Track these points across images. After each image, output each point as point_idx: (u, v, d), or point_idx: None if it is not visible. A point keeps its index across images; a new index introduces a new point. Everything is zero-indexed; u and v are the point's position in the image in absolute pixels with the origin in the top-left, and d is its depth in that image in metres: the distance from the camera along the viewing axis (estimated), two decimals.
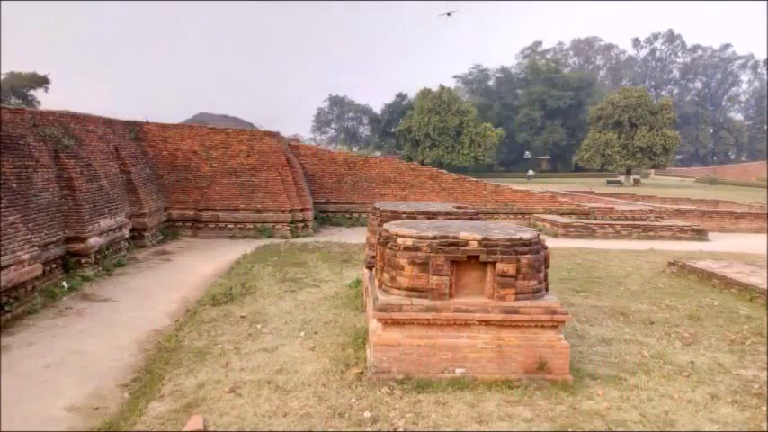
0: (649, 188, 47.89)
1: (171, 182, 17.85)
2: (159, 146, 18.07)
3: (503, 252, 6.27)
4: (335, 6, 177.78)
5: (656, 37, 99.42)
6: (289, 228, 17.78)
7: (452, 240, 6.31)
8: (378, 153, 64.32)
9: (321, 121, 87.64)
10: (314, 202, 19.73)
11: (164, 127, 18.43)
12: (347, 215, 21.40)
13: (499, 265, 6.26)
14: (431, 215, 8.72)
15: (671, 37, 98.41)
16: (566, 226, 19.94)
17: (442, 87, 60.17)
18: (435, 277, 6.27)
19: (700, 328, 8.69)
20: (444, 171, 22.98)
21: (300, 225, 18.26)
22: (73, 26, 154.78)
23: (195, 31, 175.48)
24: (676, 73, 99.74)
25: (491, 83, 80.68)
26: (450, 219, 8.48)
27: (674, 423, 5.46)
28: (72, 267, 11.06)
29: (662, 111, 55.65)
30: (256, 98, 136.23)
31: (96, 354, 7.33)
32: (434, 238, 6.33)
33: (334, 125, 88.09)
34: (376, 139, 75.84)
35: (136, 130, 17.84)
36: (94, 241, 11.48)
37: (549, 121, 70.78)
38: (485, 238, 6.31)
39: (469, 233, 6.42)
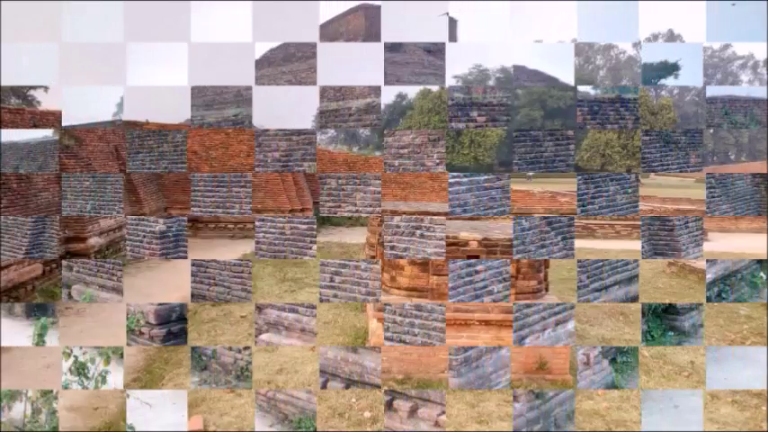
0: (649, 188, 47.84)
1: (171, 182, 17.83)
2: None
3: (503, 252, 6.26)
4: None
5: (655, 37, 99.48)
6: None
7: (452, 240, 6.31)
8: (378, 153, 64.28)
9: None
10: (314, 202, 19.69)
11: (164, 127, 18.40)
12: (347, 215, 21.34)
13: None
14: (431, 215, 8.68)
15: (671, 37, 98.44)
16: None
17: (442, 88, 60.20)
18: (435, 277, 6.27)
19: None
20: (444, 171, 22.93)
21: None
22: None
23: None
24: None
25: (491, 83, 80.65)
26: (451, 219, 8.46)
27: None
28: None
29: (662, 111, 55.61)
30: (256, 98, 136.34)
31: None
32: None
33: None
34: (376, 139, 75.82)
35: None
36: (94, 241, 11.46)
37: (549, 121, 70.77)
38: (485, 238, 6.31)
39: (469, 233, 6.42)
